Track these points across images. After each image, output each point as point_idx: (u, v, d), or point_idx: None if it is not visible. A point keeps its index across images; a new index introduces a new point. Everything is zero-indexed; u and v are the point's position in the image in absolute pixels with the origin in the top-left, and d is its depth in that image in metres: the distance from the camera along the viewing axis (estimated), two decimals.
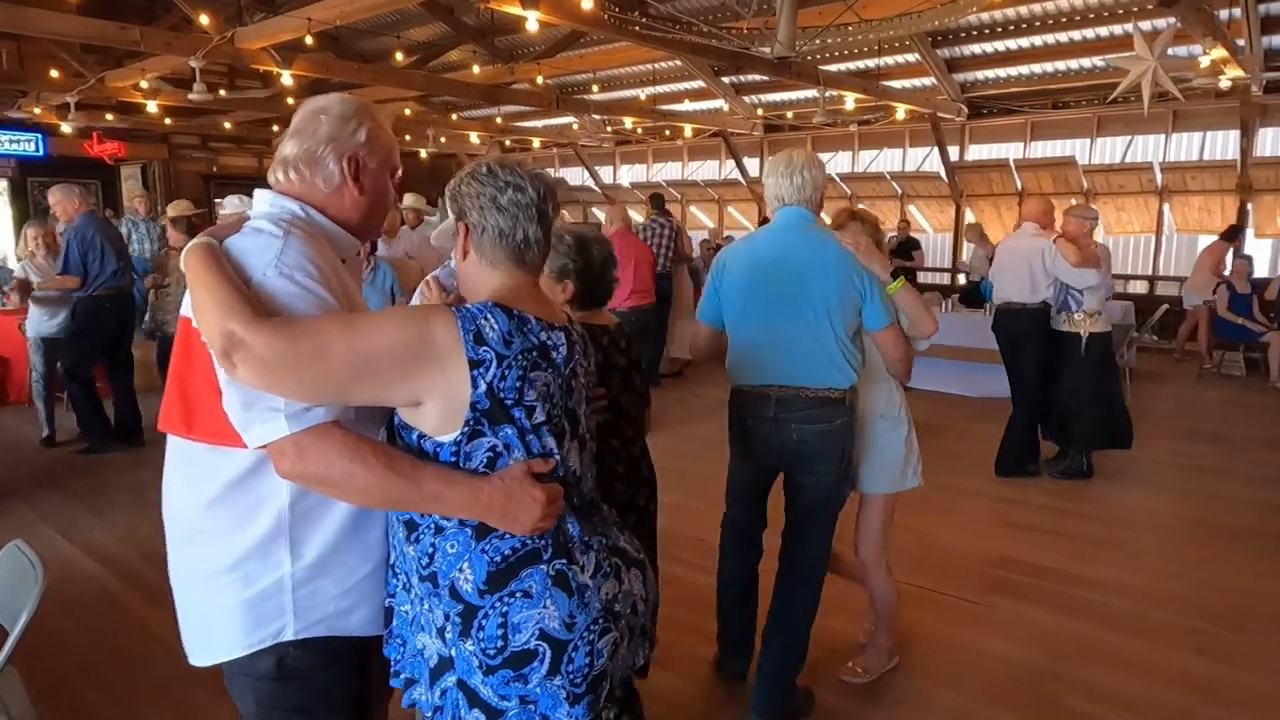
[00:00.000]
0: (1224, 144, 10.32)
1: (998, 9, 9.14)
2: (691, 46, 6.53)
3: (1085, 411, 5.04)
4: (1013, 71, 10.69)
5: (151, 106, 9.72)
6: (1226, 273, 8.81)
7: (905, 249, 11.32)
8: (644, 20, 5.72)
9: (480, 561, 1.30)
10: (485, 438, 1.31)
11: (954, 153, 11.90)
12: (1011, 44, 10.12)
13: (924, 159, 12.38)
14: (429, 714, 1.37)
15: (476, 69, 9.62)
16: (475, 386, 1.27)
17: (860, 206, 3.01)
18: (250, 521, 1.37)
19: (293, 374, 1.23)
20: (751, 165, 14.10)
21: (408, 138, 14.83)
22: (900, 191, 12.35)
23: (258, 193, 1.48)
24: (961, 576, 3.72)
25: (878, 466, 2.74)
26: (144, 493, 4.64)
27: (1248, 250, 9.45)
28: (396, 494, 1.29)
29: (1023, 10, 9.32)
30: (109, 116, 11.45)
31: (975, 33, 10.03)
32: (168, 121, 11.77)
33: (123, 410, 5.79)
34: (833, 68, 10.46)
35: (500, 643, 1.29)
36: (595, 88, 12.25)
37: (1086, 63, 10.01)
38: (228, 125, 12.56)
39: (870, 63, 10.71)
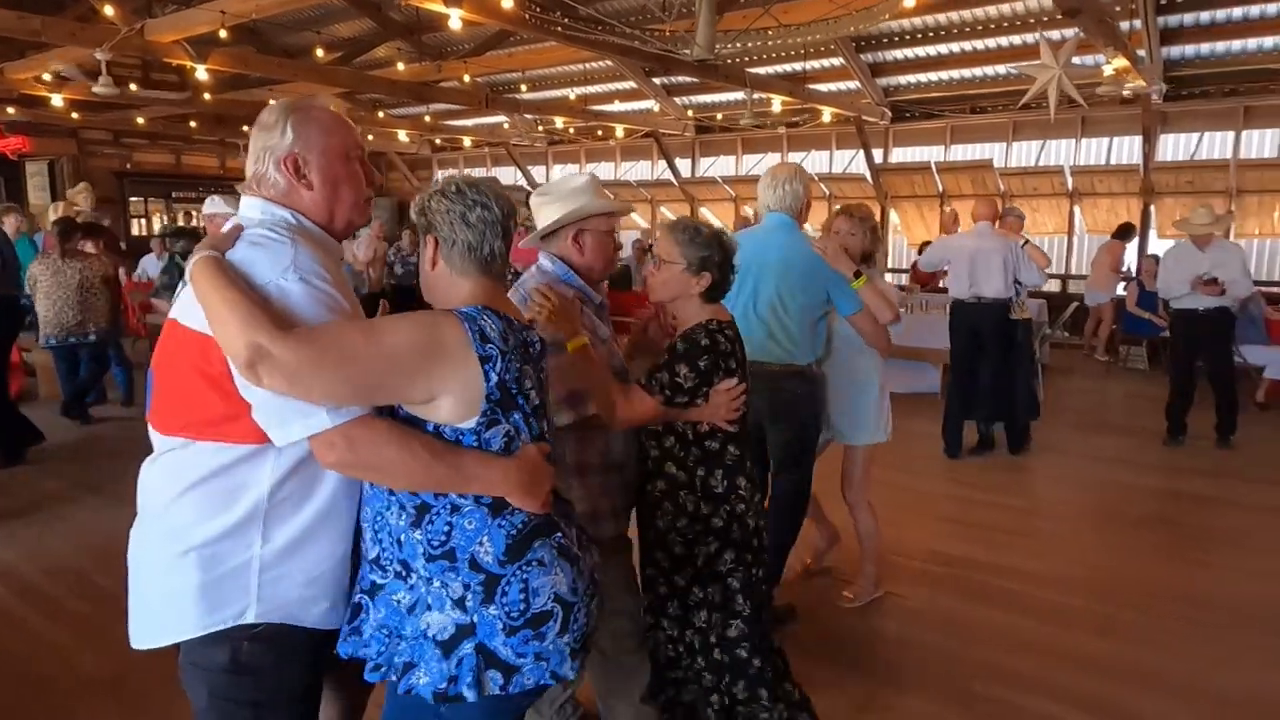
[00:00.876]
0: (1128, 149, 10.84)
1: (914, 16, 9.43)
2: (615, 48, 6.56)
3: (1021, 388, 5.60)
4: (934, 77, 11.03)
5: (57, 100, 9.29)
6: (1124, 269, 9.29)
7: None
8: (566, 20, 5.71)
9: (499, 535, 1.44)
10: (501, 424, 1.44)
11: (878, 155, 12.21)
12: (932, 50, 10.44)
13: (850, 161, 12.67)
14: (442, 685, 1.42)
15: (402, 66, 9.46)
16: (488, 379, 1.41)
17: (856, 203, 3.43)
18: (227, 508, 1.41)
19: (320, 381, 1.31)
20: (683, 166, 14.21)
21: None
22: (828, 193, 12.62)
23: (246, 199, 1.54)
24: (881, 568, 3.82)
25: (856, 423, 3.33)
26: (51, 506, 4.43)
27: (1151, 251, 9.95)
28: (440, 476, 1.40)
29: (941, 18, 9.63)
30: (11, 110, 10.88)
31: (897, 38, 10.31)
32: (75, 116, 11.25)
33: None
34: (760, 70, 10.62)
35: (523, 605, 1.44)
36: (524, 87, 12.18)
37: (1001, 69, 10.39)
38: (140, 121, 12.06)
39: (796, 66, 10.92)
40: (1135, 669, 2.99)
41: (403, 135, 13.93)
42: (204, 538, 1.41)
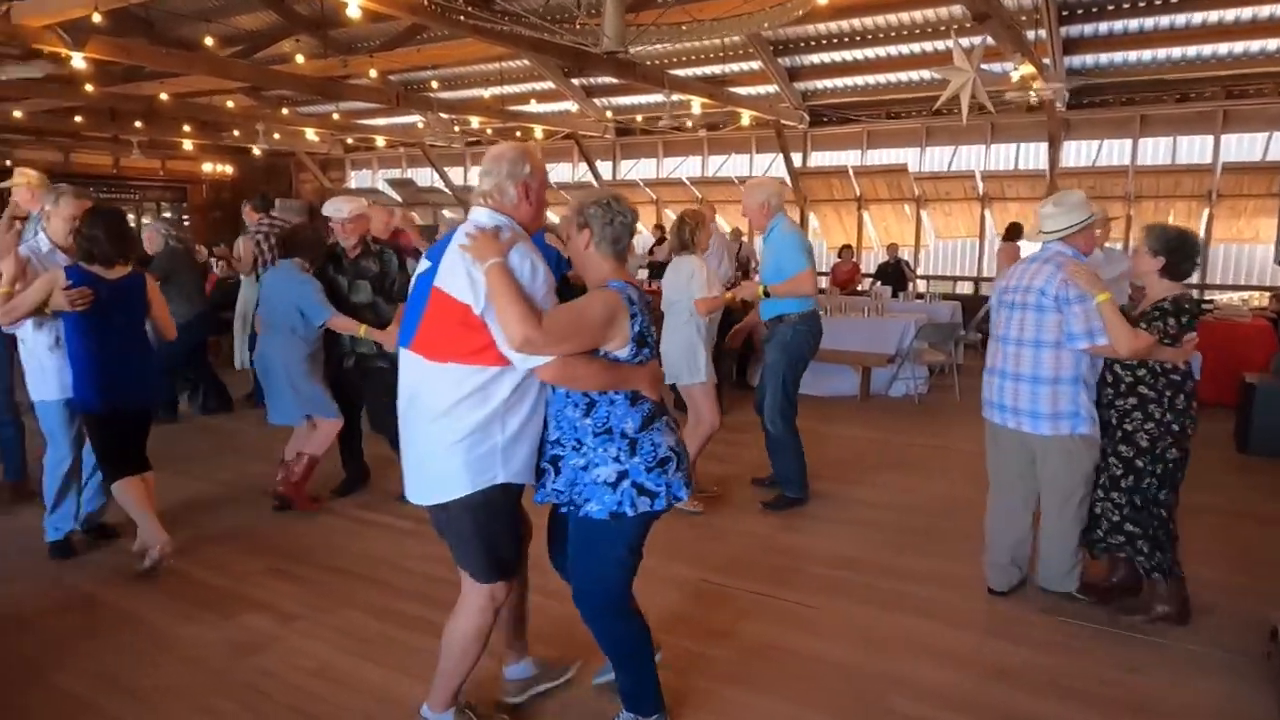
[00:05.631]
0: (1035, 155, 11.18)
1: (831, 21, 9.50)
2: (525, 41, 6.35)
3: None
4: (850, 82, 11.16)
5: None
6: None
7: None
8: (469, 10, 5.46)
9: (635, 415, 2.33)
10: (640, 351, 2.33)
11: (797, 159, 12.29)
12: (849, 55, 10.55)
13: (769, 164, 12.73)
14: (613, 509, 2.29)
15: (301, 59, 9.00)
16: (633, 327, 2.30)
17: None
18: (483, 408, 2.22)
19: (558, 350, 2.19)
20: (604, 168, 14.04)
21: (236, 133, 13.81)
22: None
23: (477, 210, 2.36)
24: (794, 579, 3.71)
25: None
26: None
27: None
28: (611, 380, 2.28)
29: (856, 23, 9.73)
30: None
31: (814, 42, 10.38)
32: None
33: None
34: (679, 72, 10.54)
35: (654, 453, 2.33)
36: (435, 84, 11.81)
37: (915, 75, 10.58)
38: (18, 114, 11.21)
39: (716, 69, 10.90)
40: (1052, 680, 2.93)
41: (311, 134, 13.36)
42: (470, 429, 2.22)
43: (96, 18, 6.07)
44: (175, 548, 3.72)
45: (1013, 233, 9.72)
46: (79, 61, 7.03)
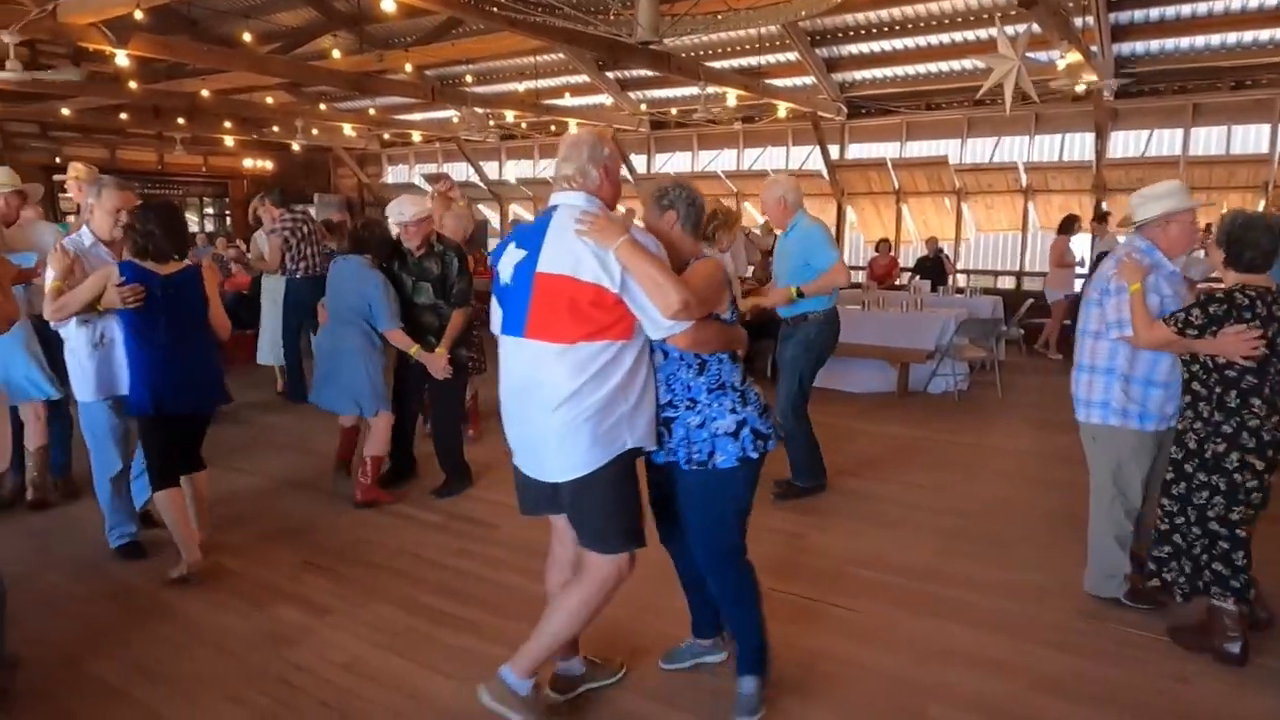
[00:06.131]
0: (1081, 146, 10.87)
1: (870, 10, 9.31)
2: (559, 32, 6.30)
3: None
4: (889, 72, 10.94)
5: None
6: (1075, 261, 9.22)
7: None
8: (504, 1, 5.42)
9: (737, 370, 2.55)
10: (734, 313, 2.58)
11: (834, 151, 12.10)
12: (887, 45, 10.33)
13: (806, 157, 12.55)
14: (739, 455, 2.47)
15: (338, 54, 9.05)
16: (731, 293, 2.55)
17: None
18: (609, 381, 2.33)
19: (703, 311, 2.36)
20: (638, 162, 13.97)
21: (275, 129, 13.99)
22: None
23: (569, 194, 2.43)
24: (834, 581, 3.62)
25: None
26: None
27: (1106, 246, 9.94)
28: (726, 340, 2.50)
29: (895, 12, 9.52)
30: None
31: (853, 33, 10.19)
32: None
33: None
34: (715, 64, 10.42)
35: (759, 402, 2.56)
36: (470, 78, 11.82)
37: (956, 65, 10.33)
38: (66, 112, 11.45)
39: (752, 60, 10.75)
40: (1095, 688, 2.82)
41: (349, 129, 13.48)
42: (600, 404, 2.32)
43: (139, 15, 6.13)
44: (206, 557, 3.66)
45: (1066, 226, 9.47)
46: (122, 59, 7.13)
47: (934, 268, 10.74)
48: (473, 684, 2.79)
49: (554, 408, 2.33)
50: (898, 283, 11.13)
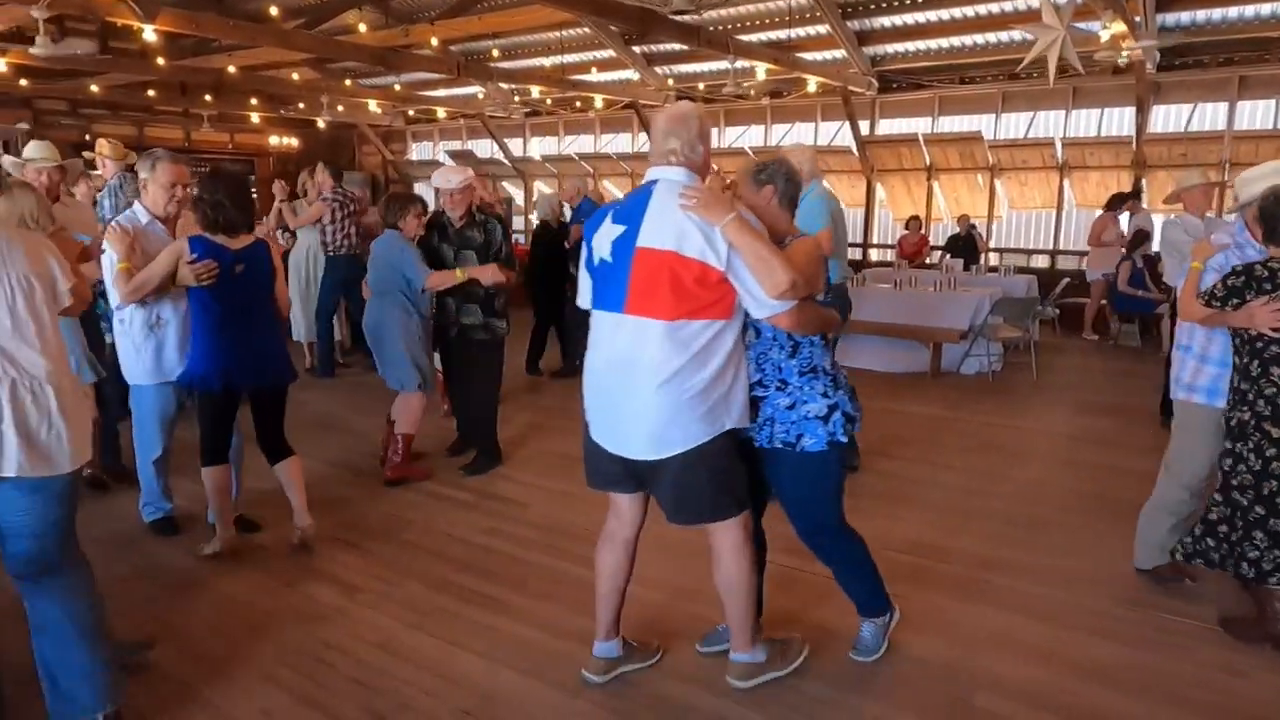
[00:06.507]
0: (1120, 121, 10.57)
1: None
2: (588, 3, 6.17)
3: None
4: (921, 45, 10.67)
5: (0, 65, 8.77)
6: (1118, 238, 8.97)
7: None
8: None
9: (828, 354, 2.56)
10: (827, 295, 2.57)
11: (864, 127, 11.87)
12: (920, 17, 10.07)
13: (835, 133, 12.33)
14: (828, 439, 2.49)
15: (364, 28, 8.97)
16: (828, 270, 2.55)
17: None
18: (710, 362, 2.33)
19: (807, 291, 2.34)
20: None
21: (301, 106, 13.96)
22: None
23: (671, 169, 2.40)
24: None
25: None
26: None
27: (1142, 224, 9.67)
28: (823, 322, 2.48)
29: None
30: None
31: (885, 4, 9.94)
32: (24, 83, 10.69)
33: None
34: (745, 38, 10.22)
35: (848, 385, 2.58)
36: (496, 52, 11.69)
37: (992, 38, 10.06)
38: (95, 89, 11.49)
39: (782, 34, 10.53)
40: (1139, 676, 2.74)
41: (374, 106, 13.42)
42: (705, 382, 2.32)
43: None
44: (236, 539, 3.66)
45: (1114, 203, 9.22)
46: (150, 34, 7.11)
47: (966, 246, 10.54)
48: (502, 662, 2.80)
49: (657, 386, 2.30)
50: (927, 261, 10.94)
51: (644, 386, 2.32)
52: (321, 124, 14.74)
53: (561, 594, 3.30)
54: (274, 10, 10.04)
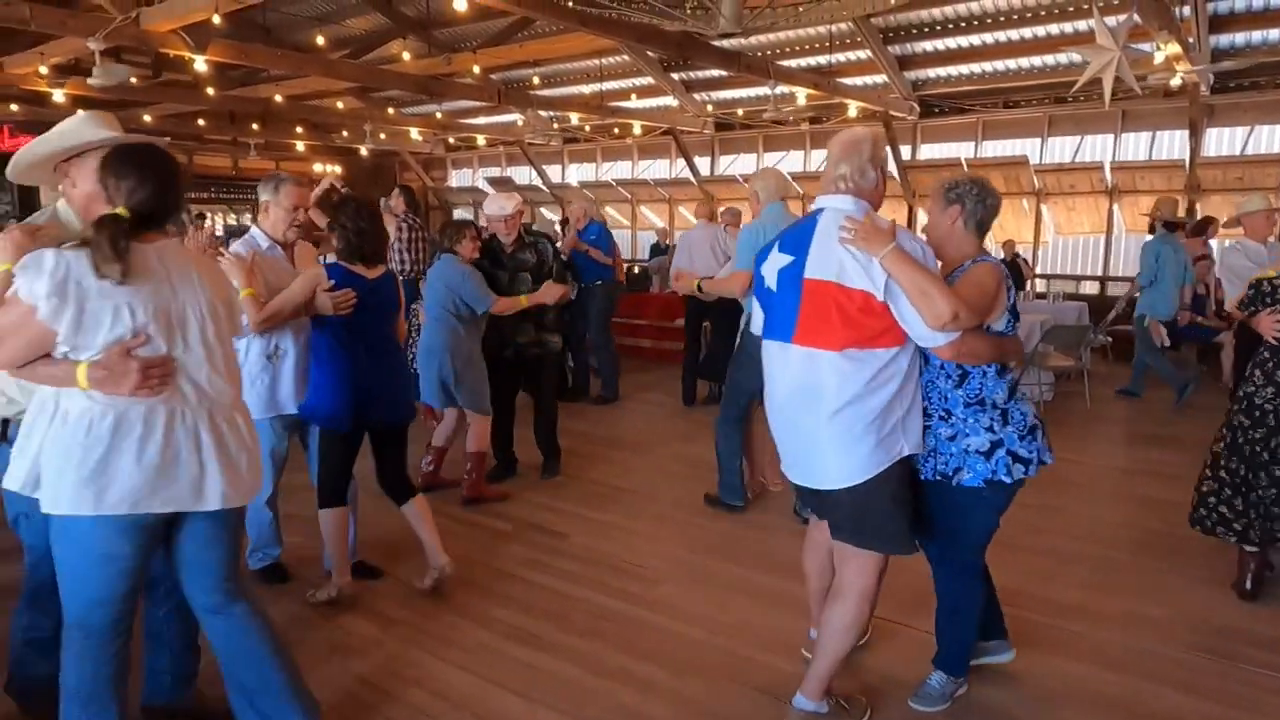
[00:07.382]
0: (1172, 144, 10.30)
1: (944, 4, 8.97)
2: (633, 30, 6.17)
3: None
4: (964, 69, 10.54)
5: (58, 95, 9.03)
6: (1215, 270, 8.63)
7: None
8: None
9: (1003, 385, 2.43)
10: (1012, 323, 2.45)
11: (906, 152, 11.74)
12: (963, 41, 9.96)
13: None
14: (989, 475, 2.39)
15: (407, 56, 9.10)
16: (1009, 301, 2.41)
17: None
18: (883, 390, 2.29)
19: (974, 322, 2.26)
20: (702, 164, 13.80)
21: (345, 134, 14.22)
22: None
23: (838, 198, 2.38)
24: (918, 602, 3.37)
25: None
26: None
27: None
28: (996, 353, 2.37)
29: (974, 6, 9.16)
30: (14, 107, 10.66)
31: (927, 29, 9.84)
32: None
33: None
34: (785, 63, 10.19)
35: (1024, 422, 2.44)
36: (536, 80, 11.80)
37: (1038, 61, 9.91)
38: (148, 119, 11.81)
39: (822, 59, 10.48)
40: None
41: (415, 133, 13.62)
42: (878, 410, 2.28)
43: (217, 20, 6.23)
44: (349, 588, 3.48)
45: (1199, 229, 8.87)
46: (201, 64, 7.27)
47: (1011, 272, 10.28)
48: (540, 702, 2.68)
49: (831, 414, 2.29)
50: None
51: (818, 416, 2.31)
52: (364, 151, 14.99)
53: (604, 630, 3.18)
54: (320, 40, 10.26)
